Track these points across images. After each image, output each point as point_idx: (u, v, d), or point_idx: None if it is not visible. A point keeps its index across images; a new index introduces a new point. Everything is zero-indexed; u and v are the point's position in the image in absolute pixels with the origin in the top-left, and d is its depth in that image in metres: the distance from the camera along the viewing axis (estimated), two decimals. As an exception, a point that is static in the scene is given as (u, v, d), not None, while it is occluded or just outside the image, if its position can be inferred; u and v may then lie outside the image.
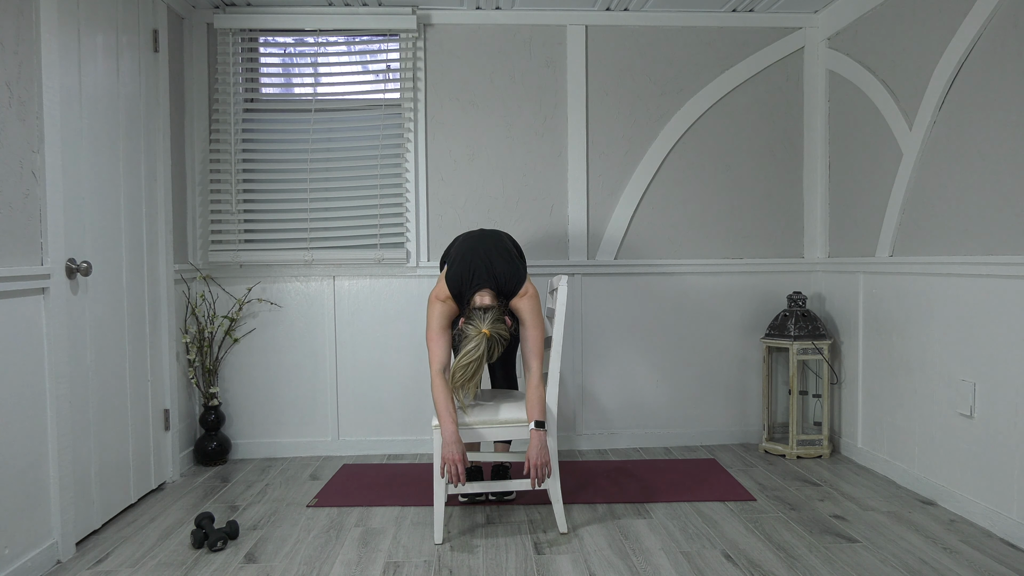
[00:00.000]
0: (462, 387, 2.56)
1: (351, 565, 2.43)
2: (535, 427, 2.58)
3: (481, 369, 2.56)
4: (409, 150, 3.77)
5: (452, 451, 2.52)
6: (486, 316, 2.58)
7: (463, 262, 2.71)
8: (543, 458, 2.54)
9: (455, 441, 2.53)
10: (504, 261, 2.71)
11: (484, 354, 2.54)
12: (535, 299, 2.71)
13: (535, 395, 2.62)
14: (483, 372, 2.67)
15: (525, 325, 2.70)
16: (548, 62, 3.83)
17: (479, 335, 2.54)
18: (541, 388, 2.64)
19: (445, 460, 2.52)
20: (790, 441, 3.63)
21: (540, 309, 2.73)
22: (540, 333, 2.69)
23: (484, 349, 2.53)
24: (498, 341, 2.57)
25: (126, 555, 2.53)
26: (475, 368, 2.53)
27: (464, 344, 2.55)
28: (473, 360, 2.52)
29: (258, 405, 3.78)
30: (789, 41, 3.88)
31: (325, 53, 3.75)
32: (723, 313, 3.91)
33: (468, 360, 2.52)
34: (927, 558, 2.42)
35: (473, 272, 2.68)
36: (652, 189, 3.87)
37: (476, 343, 2.53)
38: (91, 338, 2.72)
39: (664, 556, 2.46)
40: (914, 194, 3.12)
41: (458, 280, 2.70)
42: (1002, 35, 2.62)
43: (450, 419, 2.56)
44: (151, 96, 3.22)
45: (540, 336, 2.68)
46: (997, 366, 2.64)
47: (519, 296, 2.70)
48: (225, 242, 3.74)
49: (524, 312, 2.70)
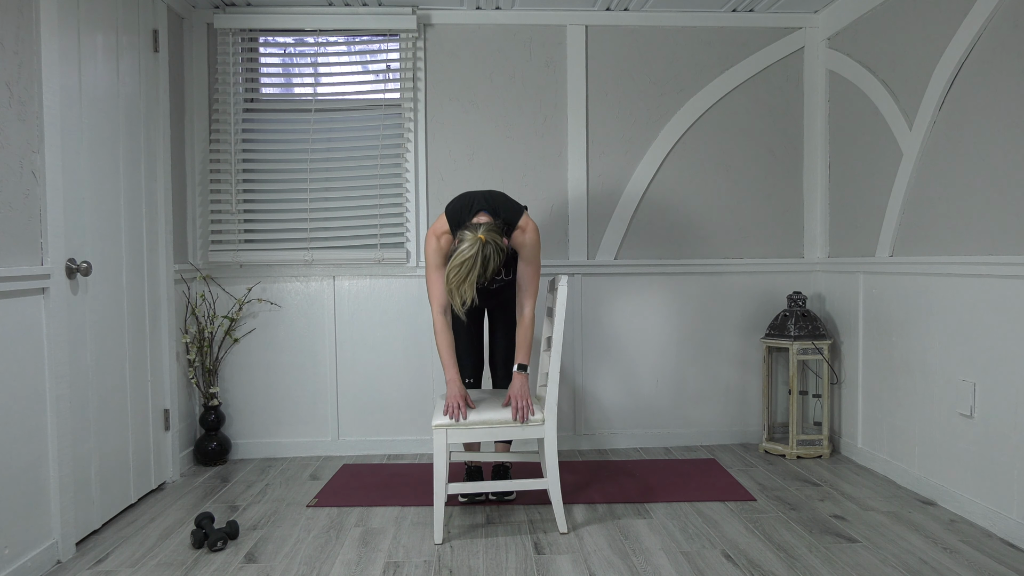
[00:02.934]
0: (456, 289, 2.55)
1: (351, 565, 2.43)
2: (517, 369, 2.71)
3: (475, 272, 2.52)
4: (409, 150, 3.77)
5: (455, 394, 2.66)
6: (482, 226, 2.59)
7: (462, 198, 2.82)
8: (524, 397, 2.67)
9: (458, 384, 2.68)
10: (503, 196, 2.81)
11: (478, 256, 2.51)
12: (535, 234, 2.75)
13: (524, 336, 2.75)
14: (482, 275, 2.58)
15: (522, 260, 2.76)
16: (548, 62, 3.83)
17: (474, 238, 2.54)
18: (530, 330, 2.76)
19: (448, 402, 2.65)
20: (790, 441, 3.63)
21: (539, 247, 2.78)
22: (536, 271, 2.77)
23: (479, 250, 2.51)
24: (494, 249, 2.55)
25: (126, 555, 2.53)
26: (468, 268, 2.51)
27: (459, 247, 2.55)
28: (467, 259, 2.51)
29: (258, 405, 3.78)
30: (789, 41, 3.88)
31: (325, 53, 3.75)
32: (723, 313, 3.91)
33: (462, 260, 2.52)
34: (927, 558, 2.42)
35: (472, 201, 2.76)
36: (652, 189, 3.87)
37: (470, 244, 2.53)
38: (91, 338, 2.72)
39: (664, 556, 2.46)
40: (914, 194, 3.12)
41: (457, 211, 2.76)
42: (1002, 35, 2.63)
43: (452, 363, 2.72)
44: (151, 96, 3.22)
45: (536, 274, 2.77)
46: (997, 366, 2.64)
47: (519, 229, 2.74)
48: (225, 242, 3.74)
49: (522, 247, 2.75)
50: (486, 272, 2.56)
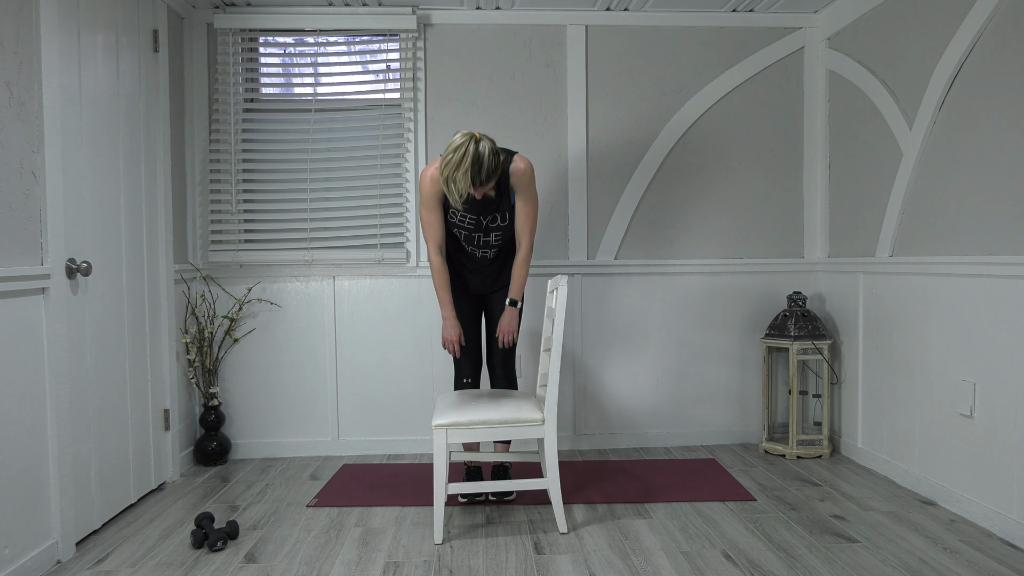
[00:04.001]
0: (451, 177, 2.59)
1: (351, 565, 2.43)
2: (509, 304, 2.92)
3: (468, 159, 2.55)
4: (409, 150, 3.77)
5: (450, 331, 2.90)
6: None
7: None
8: (512, 330, 2.93)
9: (454, 322, 2.90)
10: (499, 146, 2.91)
11: (470, 145, 2.56)
12: (530, 171, 2.84)
13: (519, 272, 2.91)
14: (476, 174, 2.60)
15: (519, 198, 2.85)
16: (548, 62, 3.83)
17: (465, 132, 2.61)
18: (525, 265, 2.92)
19: (444, 339, 2.91)
20: (790, 441, 3.63)
21: (534, 181, 2.87)
22: (534, 207, 2.88)
23: (470, 140, 2.57)
24: (490, 149, 2.59)
25: (126, 555, 2.53)
26: (462, 155, 2.56)
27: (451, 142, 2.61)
28: (459, 146, 2.56)
29: (258, 405, 3.78)
30: (789, 41, 3.88)
31: (325, 53, 3.75)
32: (723, 313, 3.91)
33: (454, 147, 2.57)
34: (927, 558, 2.42)
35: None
36: (652, 189, 3.87)
37: (462, 136, 2.59)
38: (91, 338, 2.72)
39: (664, 556, 2.46)
40: (914, 194, 3.12)
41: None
42: (1002, 35, 2.62)
43: (448, 301, 2.90)
44: (151, 96, 3.22)
45: (533, 211, 2.88)
46: (997, 366, 2.64)
47: (514, 167, 2.80)
48: (225, 242, 3.74)
49: (519, 184, 2.83)
50: (481, 172, 2.58)
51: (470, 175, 2.58)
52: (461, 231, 2.91)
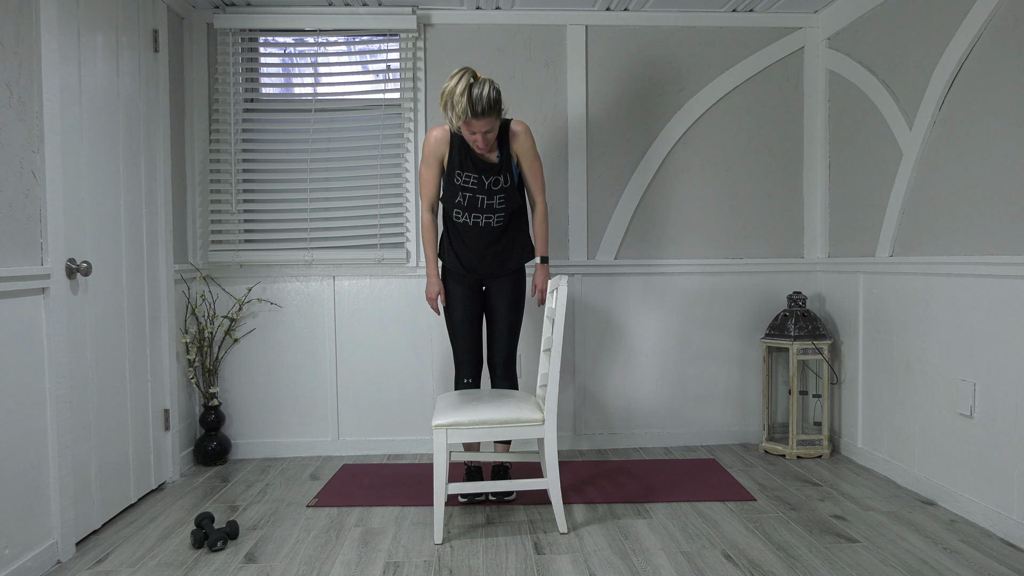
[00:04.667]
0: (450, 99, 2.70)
1: (351, 565, 2.43)
2: (541, 261, 3.08)
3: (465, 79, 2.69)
4: (409, 150, 3.77)
5: (432, 288, 3.04)
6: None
7: None
8: (545, 284, 3.07)
9: (435, 281, 3.05)
10: None
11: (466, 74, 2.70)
12: (530, 132, 2.96)
13: (540, 230, 3.06)
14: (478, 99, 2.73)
15: (523, 160, 2.96)
16: (548, 62, 3.83)
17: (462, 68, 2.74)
18: (545, 223, 3.07)
19: (427, 294, 3.06)
20: (790, 441, 3.63)
21: (534, 141, 3.04)
22: (540, 167, 3.02)
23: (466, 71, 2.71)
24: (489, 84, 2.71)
25: (126, 555, 2.53)
26: (459, 78, 2.69)
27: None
28: (456, 73, 2.71)
29: (258, 405, 3.78)
30: (789, 41, 3.88)
31: (325, 53, 3.75)
32: (723, 313, 3.91)
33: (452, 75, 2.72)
34: (927, 558, 2.42)
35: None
36: (652, 189, 3.87)
37: (461, 73, 2.71)
38: (91, 338, 2.72)
39: (664, 556, 2.46)
40: (914, 194, 3.12)
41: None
42: (1002, 35, 2.62)
43: (433, 259, 3.06)
44: (151, 96, 3.22)
45: (540, 169, 3.02)
46: (997, 366, 2.64)
47: (514, 129, 2.92)
48: (225, 242, 3.74)
49: (522, 149, 2.94)
50: (482, 97, 2.69)
51: (468, 96, 2.69)
52: (465, 194, 2.92)
